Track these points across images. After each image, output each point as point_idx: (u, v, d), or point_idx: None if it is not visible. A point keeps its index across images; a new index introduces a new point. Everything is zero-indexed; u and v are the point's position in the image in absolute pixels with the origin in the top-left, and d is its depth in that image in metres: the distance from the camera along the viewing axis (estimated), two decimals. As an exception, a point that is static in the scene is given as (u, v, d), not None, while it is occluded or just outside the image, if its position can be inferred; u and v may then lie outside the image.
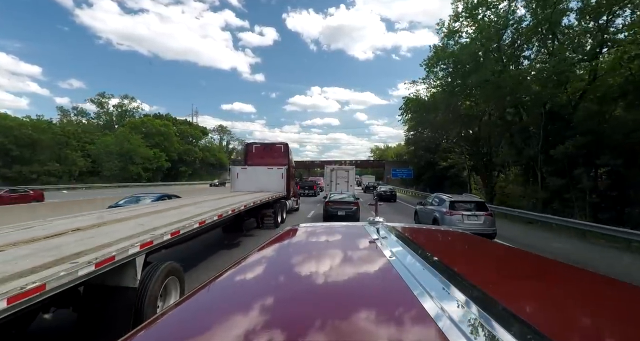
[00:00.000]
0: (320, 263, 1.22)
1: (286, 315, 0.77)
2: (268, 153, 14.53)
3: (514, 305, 0.74)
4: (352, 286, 0.99)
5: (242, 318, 0.76)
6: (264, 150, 14.77)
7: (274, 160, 13.92)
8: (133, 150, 38.94)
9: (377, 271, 1.08)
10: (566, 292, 0.99)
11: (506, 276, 1.15)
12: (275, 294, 0.93)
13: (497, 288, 0.92)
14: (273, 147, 14.95)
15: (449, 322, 0.62)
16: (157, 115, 52.32)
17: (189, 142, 54.15)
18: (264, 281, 1.08)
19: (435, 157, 42.50)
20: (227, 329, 0.71)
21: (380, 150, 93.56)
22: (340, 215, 13.20)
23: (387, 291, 0.90)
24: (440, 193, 13.06)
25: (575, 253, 9.51)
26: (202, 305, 0.89)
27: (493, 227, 10.11)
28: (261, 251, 1.40)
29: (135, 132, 41.12)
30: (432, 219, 10.76)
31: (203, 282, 1.01)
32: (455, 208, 10.15)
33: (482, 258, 1.46)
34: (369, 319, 0.71)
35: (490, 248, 1.77)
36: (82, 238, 3.48)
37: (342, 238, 1.73)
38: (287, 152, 14.72)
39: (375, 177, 59.71)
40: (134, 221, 4.84)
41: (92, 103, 50.70)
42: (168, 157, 44.36)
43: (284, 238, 1.65)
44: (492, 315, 0.64)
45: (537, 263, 1.38)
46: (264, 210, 10.24)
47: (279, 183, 13.27)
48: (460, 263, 1.31)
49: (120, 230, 4.04)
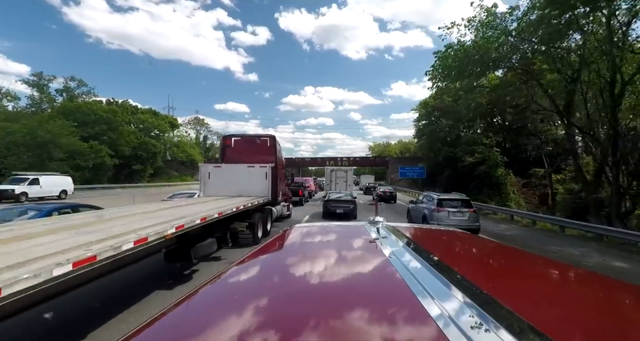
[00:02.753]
0: (321, 263, 1.22)
1: (287, 315, 0.77)
2: (250, 148, 11.33)
3: (514, 305, 0.73)
4: (352, 286, 0.99)
5: (243, 318, 0.75)
6: (246, 144, 11.51)
7: (258, 157, 10.75)
8: (52, 141, 27.56)
9: (378, 271, 1.08)
10: (566, 292, 1.01)
11: (506, 276, 1.16)
12: (275, 294, 0.94)
13: (497, 288, 0.92)
14: (257, 141, 11.65)
15: (449, 322, 0.61)
16: (110, 101, 42.87)
17: (153, 135, 44.56)
18: (264, 281, 1.08)
19: (457, 151, 33.32)
20: (228, 329, 0.70)
21: (380, 146, 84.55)
22: (339, 213, 13.54)
23: (387, 291, 0.90)
24: (432, 192, 13.29)
25: None
26: (203, 305, 0.91)
27: (477, 222, 10.90)
28: (261, 251, 1.42)
29: (69, 119, 30.86)
30: (422, 216, 11.49)
31: (203, 282, 1.03)
32: (443, 205, 10.78)
33: (482, 258, 1.47)
34: (370, 319, 0.71)
35: (491, 248, 1.73)
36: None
37: (342, 238, 1.72)
38: (275, 146, 11.41)
39: (375, 177, 52.04)
40: None
41: (27, 86, 40.38)
42: (116, 152, 34.74)
43: (284, 238, 1.65)
44: (492, 315, 0.64)
45: (537, 263, 1.40)
46: (235, 223, 7.66)
47: (263, 185, 10.06)
48: (460, 263, 1.31)
49: None
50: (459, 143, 34.43)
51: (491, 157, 30.74)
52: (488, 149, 31.26)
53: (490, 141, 31.52)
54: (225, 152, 11.07)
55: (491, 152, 30.94)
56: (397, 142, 78.10)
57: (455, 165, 33.36)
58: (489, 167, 30.21)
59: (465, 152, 32.24)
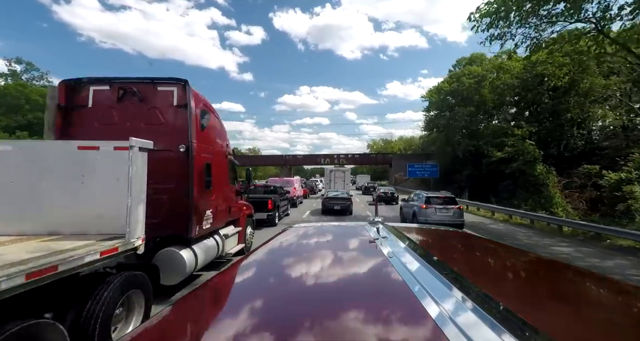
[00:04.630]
0: (320, 263, 1.20)
1: (287, 315, 0.76)
2: (129, 113, 4.76)
3: (514, 305, 0.74)
4: (352, 286, 0.98)
5: (243, 318, 0.75)
6: (120, 102, 4.79)
7: (147, 126, 4.69)
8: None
9: (377, 271, 1.07)
10: (566, 292, 1.00)
11: (506, 276, 1.17)
12: (275, 294, 0.93)
13: (497, 288, 0.93)
14: (146, 94, 4.79)
15: (449, 322, 0.61)
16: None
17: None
18: (264, 281, 1.07)
19: (480, 144, 27.38)
20: (228, 329, 0.70)
21: (379, 144, 78.56)
22: (336, 209, 14.95)
23: (387, 291, 0.90)
24: (423, 191, 13.96)
25: None
26: (203, 305, 0.90)
27: (461, 218, 11.58)
28: (261, 251, 1.39)
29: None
30: (412, 213, 12.01)
31: (203, 283, 1.02)
32: (430, 202, 11.38)
33: (482, 258, 1.45)
34: (369, 319, 0.71)
35: (491, 248, 1.66)
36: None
37: (341, 238, 1.69)
38: (191, 106, 4.73)
39: (373, 177, 47.11)
40: None
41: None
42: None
43: (284, 238, 1.62)
44: (492, 315, 0.64)
45: (537, 263, 1.38)
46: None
47: (120, 203, 3.31)
48: (460, 263, 1.31)
49: None
50: (483, 135, 28.53)
51: (525, 151, 24.82)
52: (520, 141, 25.36)
53: (523, 132, 25.63)
54: (69, 119, 4.67)
55: (524, 145, 25.05)
56: (398, 139, 72.25)
57: (478, 161, 27.47)
58: (524, 164, 24.29)
59: (492, 145, 26.36)
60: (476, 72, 28.48)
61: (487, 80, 26.74)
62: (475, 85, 27.29)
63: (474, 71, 28.99)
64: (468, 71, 29.43)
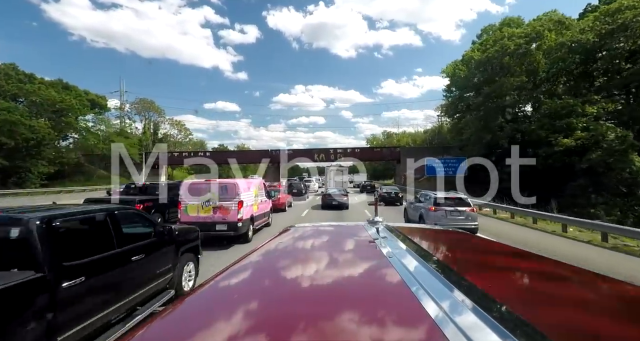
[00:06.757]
0: (320, 263, 1.21)
1: (287, 315, 0.76)
2: None
3: (514, 305, 0.74)
4: (351, 286, 0.98)
5: (244, 317, 0.75)
6: None
7: None
8: None
9: (377, 271, 1.07)
10: (566, 292, 0.99)
11: (506, 276, 1.15)
12: (275, 294, 0.93)
13: (497, 288, 0.92)
14: None
15: (449, 322, 0.61)
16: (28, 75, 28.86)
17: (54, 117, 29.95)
18: (264, 281, 1.08)
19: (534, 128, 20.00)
20: (229, 329, 0.70)
21: (379, 139, 71.01)
22: (334, 204, 17.00)
23: (387, 291, 0.90)
24: (430, 191, 12.46)
25: None
26: (204, 305, 0.89)
27: (475, 222, 10.19)
28: (261, 251, 1.38)
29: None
30: (418, 215, 11.04)
31: (203, 282, 1.02)
32: (439, 204, 10.23)
33: (482, 258, 1.44)
34: (369, 319, 0.71)
35: (491, 248, 1.68)
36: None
37: (341, 238, 1.69)
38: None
39: (372, 176, 41.33)
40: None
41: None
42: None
43: (284, 237, 1.62)
44: (492, 315, 0.64)
45: (537, 263, 1.37)
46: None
47: None
48: (460, 263, 1.30)
49: None
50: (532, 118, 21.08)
51: (608, 136, 17.36)
52: (598, 124, 17.86)
53: (598, 110, 18.18)
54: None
55: (604, 128, 17.60)
56: (402, 133, 64.80)
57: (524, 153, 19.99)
58: (608, 155, 16.82)
59: (551, 130, 18.90)
60: (523, 33, 20.94)
61: (543, 39, 19.22)
62: (526, 46, 19.76)
63: (517, 33, 21.45)
64: (509, 33, 21.90)
